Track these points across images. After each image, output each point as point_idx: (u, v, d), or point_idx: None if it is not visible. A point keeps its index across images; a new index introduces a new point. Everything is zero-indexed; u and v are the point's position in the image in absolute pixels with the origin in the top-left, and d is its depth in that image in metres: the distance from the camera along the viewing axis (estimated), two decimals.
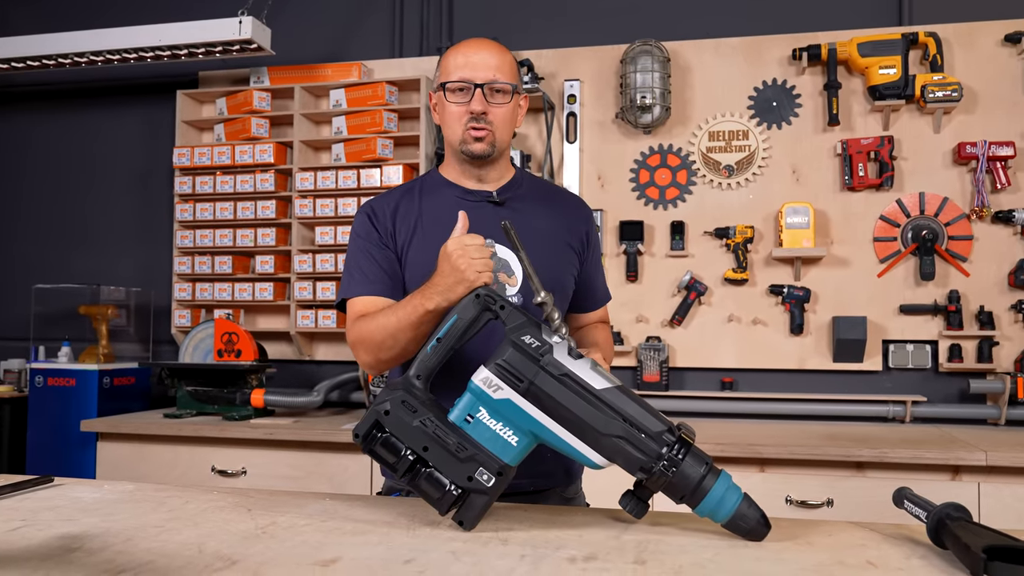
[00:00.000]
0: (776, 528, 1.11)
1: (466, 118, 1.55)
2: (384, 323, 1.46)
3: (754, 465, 2.60)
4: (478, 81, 1.54)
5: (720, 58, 3.37)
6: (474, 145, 1.56)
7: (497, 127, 1.57)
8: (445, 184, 1.64)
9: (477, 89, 1.54)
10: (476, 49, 1.57)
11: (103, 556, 1.01)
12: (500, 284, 1.55)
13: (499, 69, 1.56)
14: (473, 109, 1.54)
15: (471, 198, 1.61)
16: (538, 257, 1.48)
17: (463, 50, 1.58)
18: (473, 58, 1.56)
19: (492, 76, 1.55)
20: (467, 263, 1.32)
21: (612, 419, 1.11)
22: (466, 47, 1.58)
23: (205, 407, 3.26)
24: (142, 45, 3.35)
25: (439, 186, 1.65)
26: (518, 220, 1.52)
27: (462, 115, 1.55)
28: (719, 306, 3.31)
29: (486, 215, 1.56)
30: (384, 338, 1.46)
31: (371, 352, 1.50)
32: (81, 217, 4.04)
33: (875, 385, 3.20)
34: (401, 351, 1.46)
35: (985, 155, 3.07)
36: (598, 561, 1.00)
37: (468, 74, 1.54)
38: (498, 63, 1.56)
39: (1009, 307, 3.09)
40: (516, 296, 1.55)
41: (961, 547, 0.97)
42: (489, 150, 1.57)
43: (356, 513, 1.24)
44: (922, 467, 2.49)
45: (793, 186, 3.28)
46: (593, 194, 3.45)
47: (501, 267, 1.55)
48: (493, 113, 1.56)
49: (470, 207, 1.54)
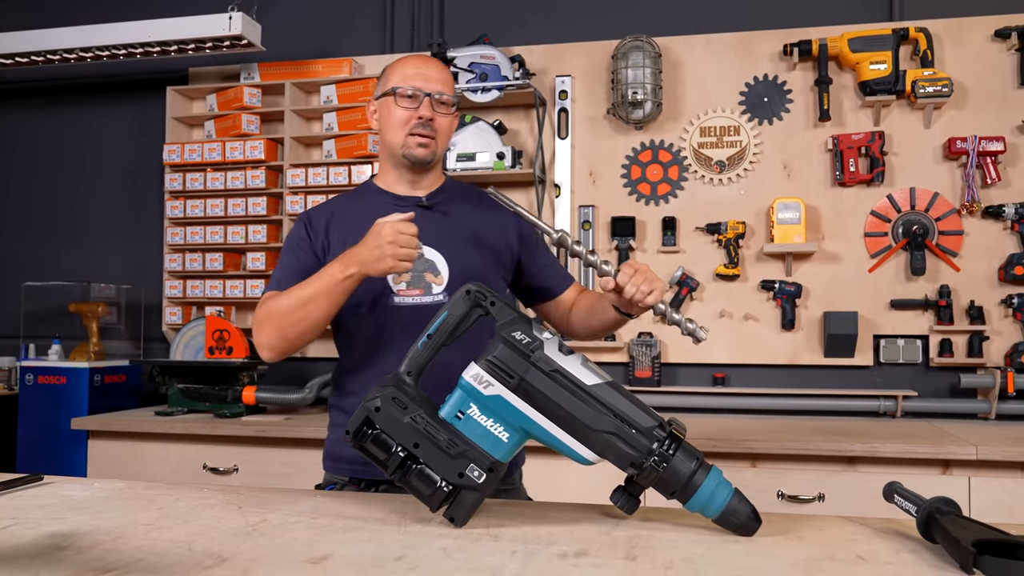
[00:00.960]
0: (767, 523, 1.11)
1: (413, 123, 1.64)
2: (298, 294, 1.52)
3: (746, 460, 2.61)
4: (428, 90, 1.65)
5: (711, 54, 3.38)
6: (418, 150, 1.65)
7: (439, 136, 1.67)
8: (378, 191, 1.73)
9: (427, 97, 1.64)
10: (427, 63, 1.69)
11: (93, 554, 1.00)
12: (427, 283, 1.62)
13: (446, 84, 1.68)
14: (422, 114, 1.64)
15: (401, 203, 1.68)
16: (465, 257, 1.63)
17: (414, 62, 1.69)
18: (424, 70, 1.67)
19: (441, 88, 1.66)
20: (393, 248, 1.42)
21: (603, 415, 1.11)
22: (417, 60, 1.70)
23: (196, 404, 3.26)
24: (131, 41, 3.34)
25: (372, 194, 1.73)
26: (446, 223, 1.66)
27: (408, 119, 1.64)
28: (711, 302, 3.32)
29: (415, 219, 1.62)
30: (295, 308, 1.52)
31: (276, 328, 1.55)
32: (71, 214, 4.02)
33: (866, 380, 3.21)
34: (311, 324, 1.52)
35: (975, 150, 3.07)
36: (589, 556, 1.00)
37: (420, 83, 1.65)
38: (446, 79, 1.69)
39: (999, 302, 3.11)
40: (443, 294, 1.61)
41: (951, 541, 0.97)
42: (430, 156, 1.67)
43: (347, 510, 1.24)
44: (913, 461, 2.50)
45: (784, 181, 3.29)
46: (585, 190, 3.45)
47: (428, 267, 1.62)
48: (438, 122, 1.66)
49: (401, 210, 1.61)
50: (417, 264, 1.59)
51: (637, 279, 1.45)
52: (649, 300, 1.45)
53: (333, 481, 1.67)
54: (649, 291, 1.45)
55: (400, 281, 1.61)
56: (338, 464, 1.67)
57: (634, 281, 1.45)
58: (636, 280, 1.45)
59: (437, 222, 1.66)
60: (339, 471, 1.66)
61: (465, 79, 3.33)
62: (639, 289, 1.45)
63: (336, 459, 1.67)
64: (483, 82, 3.31)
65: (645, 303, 1.46)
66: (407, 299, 1.61)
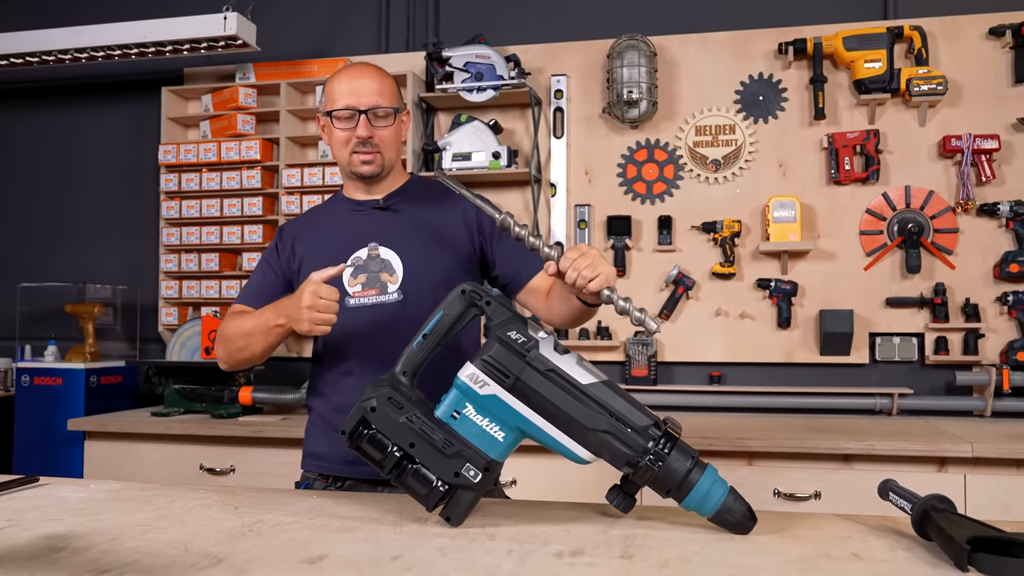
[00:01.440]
0: (762, 521, 1.11)
1: (353, 142, 1.66)
2: (241, 324, 1.63)
3: (742, 458, 2.61)
4: (362, 107, 1.63)
5: (706, 53, 3.38)
6: (362, 167, 1.68)
7: (384, 147, 1.67)
8: (342, 199, 1.78)
9: (362, 115, 1.63)
10: (358, 76, 1.67)
11: (88, 555, 1.00)
12: (382, 283, 1.64)
13: (381, 94, 1.66)
14: (359, 134, 1.64)
15: (360, 208, 1.73)
16: (421, 252, 1.65)
17: (345, 78, 1.67)
18: (355, 85, 1.65)
19: (375, 102, 1.64)
20: (310, 314, 1.45)
21: (598, 414, 1.11)
22: (348, 75, 1.67)
23: (193, 405, 3.25)
24: (126, 42, 3.33)
25: (337, 202, 1.79)
26: (401, 222, 1.69)
27: (349, 139, 1.66)
28: (707, 300, 3.32)
29: (371, 220, 1.70)
30: (238, 337, 1.63)
31: (225, 348, 1.67)
32: (66, 215, 4.01)
33: (862, 378, 3.21)
34: (251, 355, 1.64)
35: (970, 148, 3.08)
36: (585, 555, 1.00)
37: (352, 101, 1.64)
38: (379, 88, 1.66)
39: (994, 299, 3.11)
40: (397, 292, 1.64)
41: (945, 539, 0.97)
42: (377, 171, 1.69)
43: (343, 510, 1.24)
44: (909, 459, 2.50)
45: (780, 180, 3.29)
46: (580, 189, 3.45)
47: (383, 267, 1.65)
48: (378, 136, 1.66)
49: (359, 215, 1.71)
50: (372, 264, 1.65)
51: (580, 263, 1.31)
52: (592, 286, 1.30)
53: (307, 478, 1.71)
54: (592, 276, 1.30)
55: (355, 283, 1.65)
56: (309, 460, 1.72)
57: (575, 265, 1.31)
58: (579, 264, 1.31)
59: (392, 222, 1.70)
60: (310, 467, 1.72)
61: (460, 79, 3.33)
62: (580, 274, 1.30)
63: (307, 455, 1.74)
64: (478, 81, 3.31)
65: (588, 289, 1.31)
66: (363, 299, 1.65)
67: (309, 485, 1.69)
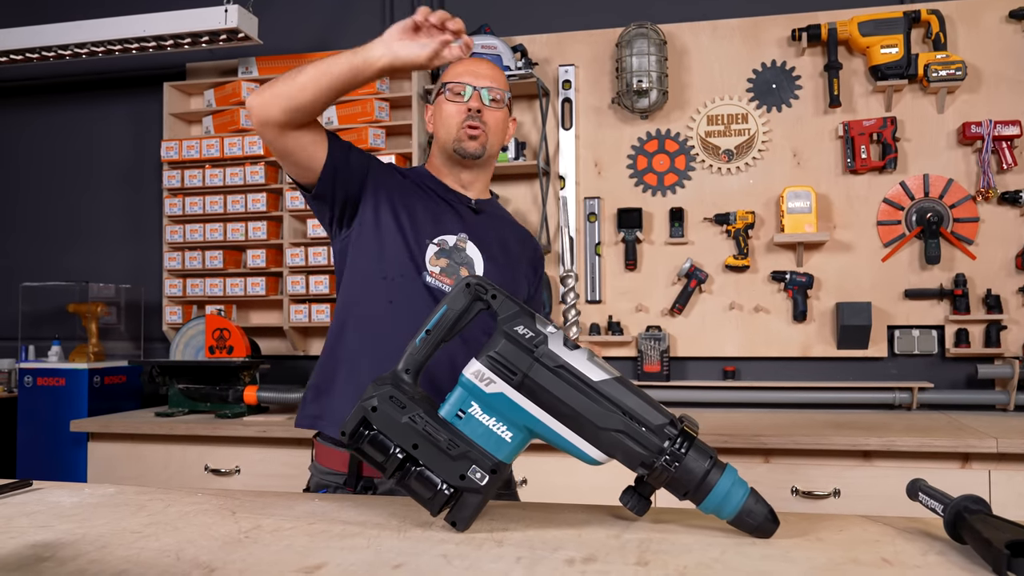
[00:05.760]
0: (785, 524, 1.06)
1: (463, 115, 1.65)
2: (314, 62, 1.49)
3: (758, 456, 2.56)
4: (477, 85, 1.68)
5: (717, 40, 3.31)
6: (468, 143, 1.66)
7: (490, 130, 1.68)
8: (430, 179, 1.73)
9: (475, 91, 1.67)
10: (477, 63, 1.73)
11: (75, 565, 0.96)
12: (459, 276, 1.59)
13: (496, 80, 1.70)
14: (471, 106, 1.65)
15: (453, 197, 1.70)
16: (502, 265, 1.67)
17: (465, 63, 1.71)
18: (475, 68, 1.70)
19: (490, 83, 1.69)
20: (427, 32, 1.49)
21: (611, 412, 1.06)
22: (468, 60, 1.71)
23: (197, 405, 3.22)
24: (126, 36, 3.30)
25: (424, 179, 1.73)
26: (491, 229, 1.70)
27: (460, 112, 1.66)
28: (720, 294, 3.26)
29: (464, 216, 1.68)
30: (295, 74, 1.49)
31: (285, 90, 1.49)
32: (68, 214, 3.99)
33: (880, 372, 3.16)
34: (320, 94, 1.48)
35: (990, 135, 3.01)
36: (598, 563, 0.95)
37: (470, 79, 1.68)
38: (496, 75, 1.72)
39: (1017, 290, 3.05)
40: None
41: (982, 542, 0.92)
42: (481, 150, 1.67)
43: (346, 514, 1.20)
44: (931, 455, 2.44)
45: (794, 170, 3.23)
46: (590, 181, 3.39)
47: (466, 262, 1.63)
48: (488, 115, 1.67)
49: (452, 203, 1.68)
50: (455, 255, 1.61)
51: None
52: None
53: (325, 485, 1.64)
54: None
55: (436, 264, 1.60)
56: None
57: None
58: None
59: (482, 225, 1.70)
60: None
61: None
62: None
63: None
64: None
65: None
66: (439, 283, 1.59)
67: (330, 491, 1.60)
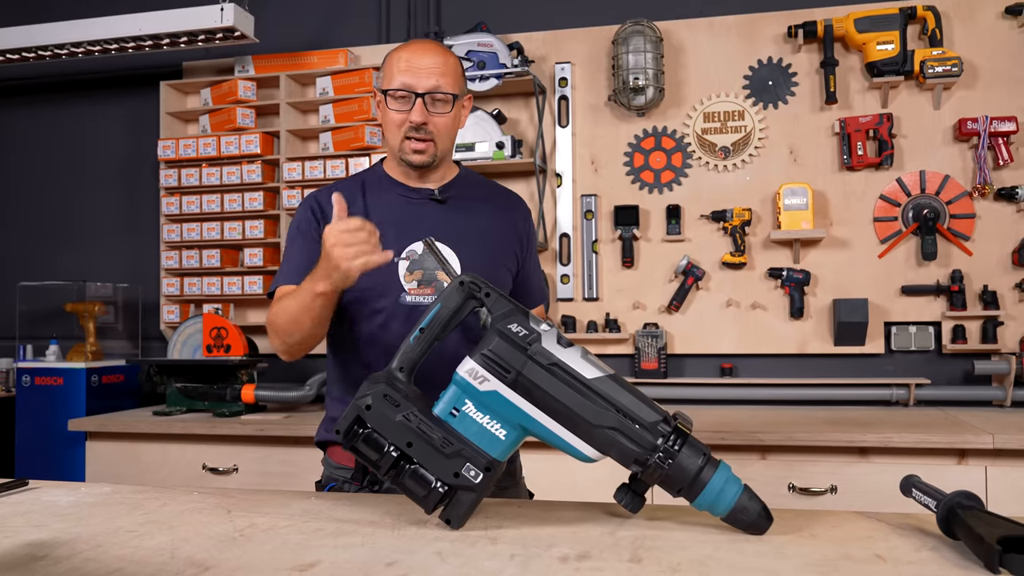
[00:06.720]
0: (778, 520, 1.07)
1: (406, 127, 1.53)
2: (286, 306, 1.48)
3: (755, 452, 2.55)
4: (419, 90, 1.51)
5: (714, 37, 3.31)
6: (413, 156, 1.55)
7: (439, 136, 1.55)
8: (389, 181, 1.63)
9: (418, 99, 1.51)
10: (421, 53, 1.54)
11: (69, 564, 0.96)
12: (439, 282, 1.54)
13: (442, 75, 1.53)
14: (413, 119, 1.52)
15: (414, 196, 1.60)
16: (477, 254, 1.55)
17: (406, 53, 1.54)
18: (416, 62, 1.52)
19: (435, 84, 1.52)
20: (340, 251, 1.30)
21: (604, 410, 1.06)
22: (410, 50, 1.55)
23: (195, 404, 3.22)
24: (122, 35, 3.29)
25: (383, 183, 1.63)
26: (459, 218, 1.58)
27: (402, 123, 1.53)
28: (717, 291, 3.26)
29: (429, 212, 1.58)
30: (287, 323, 1.48)
31: (279, 336, 1.52)
32: (65, 213, 3.98)
33: (877, 368, 3.15)
34: (306, 335, 1.48)
35: (986, 131, 3.01)
36: (592, 560, 0.95)
37: (410, 80, 1.51)
38: (442, 69, 1.53)
39: (1013, 286, 3.04)
40: None
41: (974, 538, 0.92)
42: (429, 161, 1.56)
43: (340, 512, 1.20)
44: (927, 451, 2.44)
45: (791, 167, 3.22)
46: (587, 179, 3.39)
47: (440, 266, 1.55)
48: (434, 123, 1.53)
49: (414, 205, 1.58)
50: (428, 261, 1.53)
51: None
52: None
53: (334, 479, 1.61)
54: None
55: (411, 279, 1.54)
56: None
57: None
58: None
59: (449, 217, 1.59)
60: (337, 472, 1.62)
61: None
62: None
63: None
64: (481, 70, 3.25)
65: None
66: (420, 298, 1.52)
67: (337, 487, 1.57)
